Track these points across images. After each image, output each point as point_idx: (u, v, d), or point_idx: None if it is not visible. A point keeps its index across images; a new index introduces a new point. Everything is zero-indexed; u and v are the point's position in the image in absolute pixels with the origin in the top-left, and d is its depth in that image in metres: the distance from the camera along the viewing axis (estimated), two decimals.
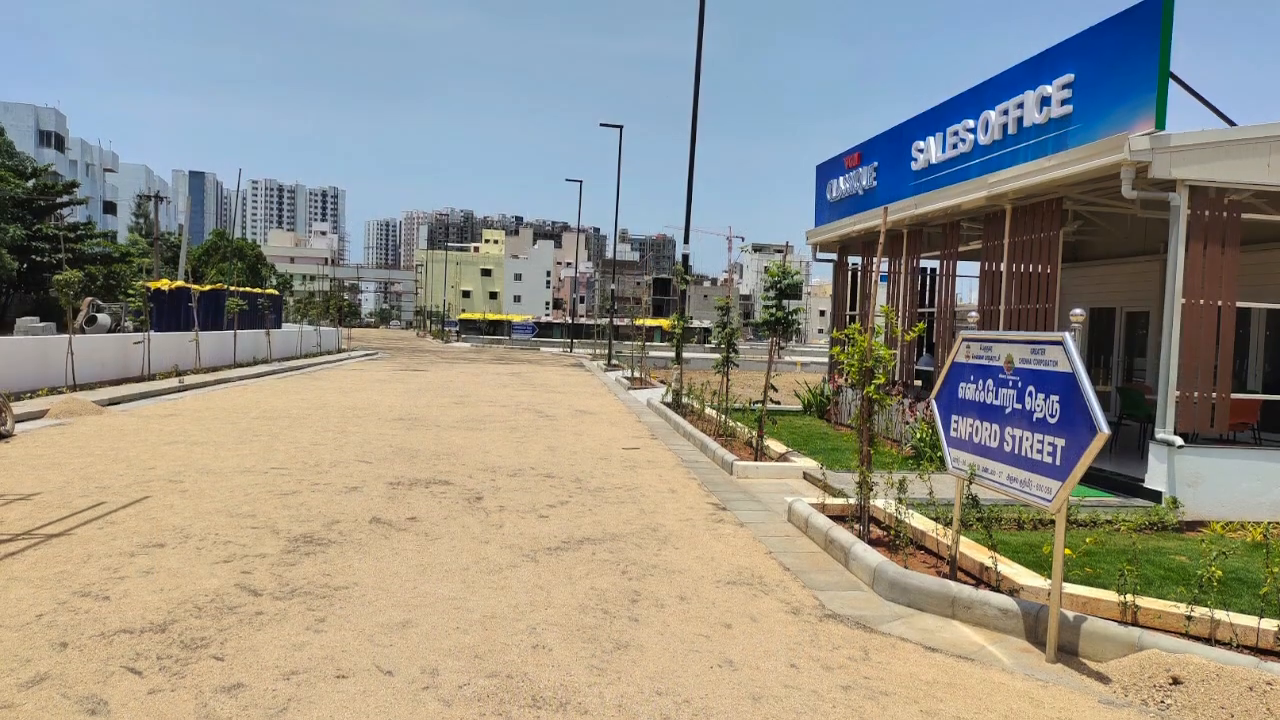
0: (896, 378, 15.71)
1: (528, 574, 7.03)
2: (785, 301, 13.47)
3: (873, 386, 8.12)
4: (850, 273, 19.30)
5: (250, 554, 7.27)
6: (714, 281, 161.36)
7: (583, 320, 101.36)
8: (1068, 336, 5.77)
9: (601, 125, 44.76)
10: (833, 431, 16.83)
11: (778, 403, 14.73)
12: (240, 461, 11.63)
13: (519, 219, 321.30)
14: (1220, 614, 5.69)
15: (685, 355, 21.85)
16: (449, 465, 12.00)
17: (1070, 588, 6.26)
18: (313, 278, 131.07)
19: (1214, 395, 10.03)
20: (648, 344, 35.17)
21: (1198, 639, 5.56)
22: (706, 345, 63.10)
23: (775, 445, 13.70)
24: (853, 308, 19.08)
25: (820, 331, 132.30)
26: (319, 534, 8.02)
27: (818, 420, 18.77)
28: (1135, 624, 5.79)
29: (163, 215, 73.63)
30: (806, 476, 11.95)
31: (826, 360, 25.73)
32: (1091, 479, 10.96)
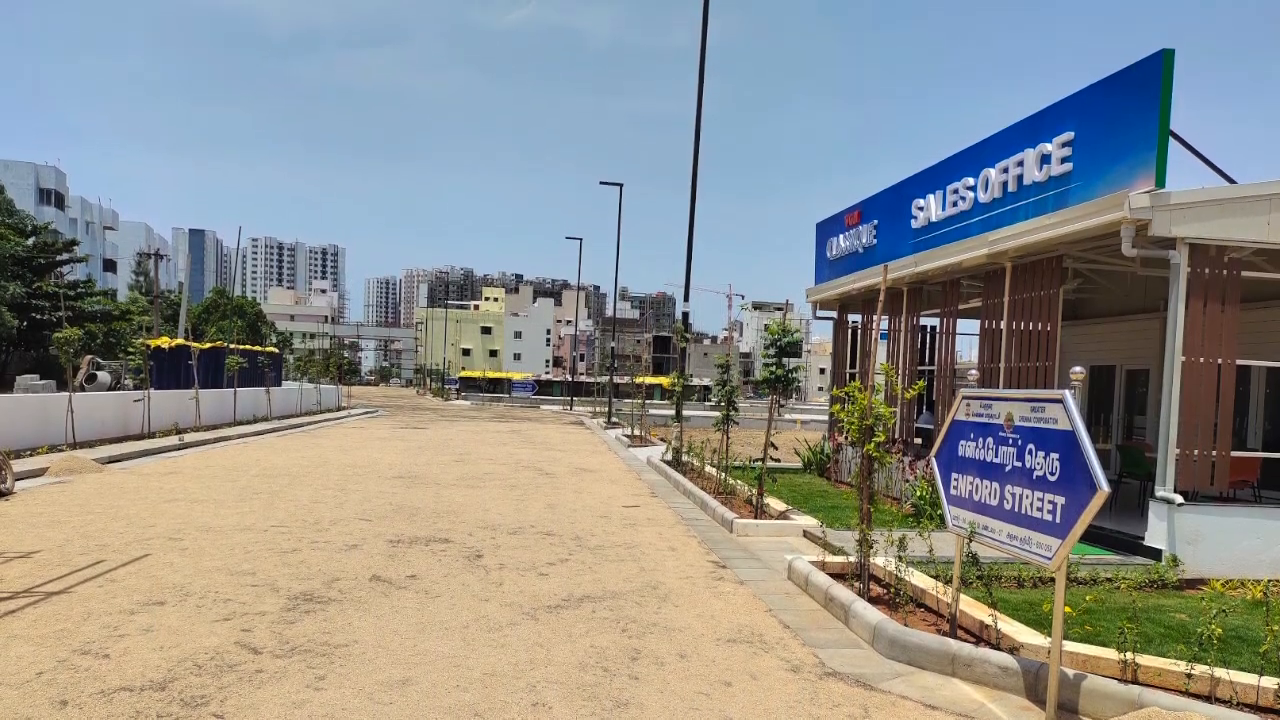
0: (896, 435, 15.72)
1: (528, 632, 7.02)
2: (785, 359, 13.52)
3: (873, 444, 8.17)
4: (850, 330, 19.42)
5: (250, 612, 7.26)
6: (714, 339, 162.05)
7: (583, 378, 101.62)
8: (1068, 394, 5.81)
9: (601, 183, 45.07)
10: (833, 489, 16.81)
11: (778, 460, 14.72)
12: (240, 519, 11.62)
13: (519, 277, 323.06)
14: (1220, 672, 5.68)
15: (685, 413, 21.88)
16: (449, 523, 11.99)
17: (1070, 645, 6.25)
18: (313, 335, 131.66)
19: (1214, 453, 10.05)
20: (648, 402, 35.20)
21: (1198, 697, 5.55)
22: (707, 403, 62.99)
23: (775, 503, 13.69)
24: (853, 365, 19.16)
25: (820, 389, 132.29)
26: (319, 592, 8.00)
27: (818, 478, 18.76)
28: (1135, 682, 5.77)
29: (163, 273, 74.19)
30: (806, 534, 11.93)
31: (826, 418, 25.76)
32: (1091, 537, 10.93)
